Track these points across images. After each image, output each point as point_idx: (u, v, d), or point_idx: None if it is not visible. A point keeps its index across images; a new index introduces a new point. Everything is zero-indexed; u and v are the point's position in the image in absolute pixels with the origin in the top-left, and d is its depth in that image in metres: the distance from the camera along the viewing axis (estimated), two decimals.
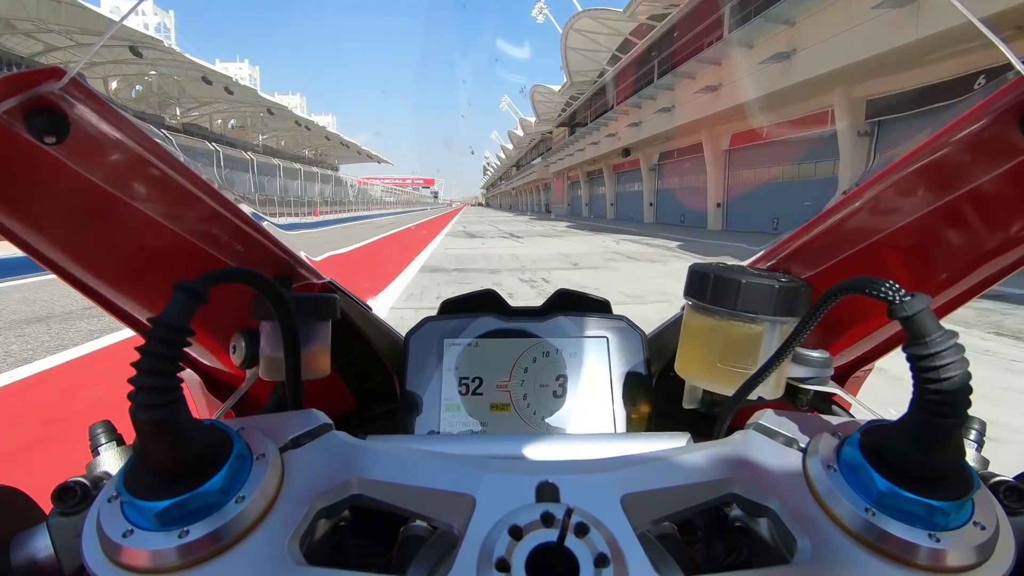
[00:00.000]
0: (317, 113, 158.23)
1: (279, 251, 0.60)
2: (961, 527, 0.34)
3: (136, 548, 0.33)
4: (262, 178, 36.62)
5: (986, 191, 0.44)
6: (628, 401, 0.69)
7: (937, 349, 0.33)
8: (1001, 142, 0.40)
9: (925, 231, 0.49)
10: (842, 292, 0.40)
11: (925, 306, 0.34)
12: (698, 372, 0.55)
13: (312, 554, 0.36)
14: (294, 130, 58.26)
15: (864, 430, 0.38)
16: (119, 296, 0.55)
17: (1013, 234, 0.47)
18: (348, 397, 0.80)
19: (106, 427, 0.47)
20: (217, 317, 0.60)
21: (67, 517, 0.39)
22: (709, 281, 0.51)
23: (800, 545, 0.35)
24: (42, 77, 0.38)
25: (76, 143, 0.41)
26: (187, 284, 0.34)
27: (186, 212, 0.51)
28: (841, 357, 0.63)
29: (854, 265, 0.54)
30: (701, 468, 0.39)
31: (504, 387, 0.70)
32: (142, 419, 0.32)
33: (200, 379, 0.68)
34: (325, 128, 70.29)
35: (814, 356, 0.54)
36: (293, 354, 0.51)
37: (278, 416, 0.43)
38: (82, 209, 0.47)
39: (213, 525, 0.33)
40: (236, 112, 47.82)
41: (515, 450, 0.54)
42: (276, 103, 48.55)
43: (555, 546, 0.32)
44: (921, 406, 0.34)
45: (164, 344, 0.33)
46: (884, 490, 0.35)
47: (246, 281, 0.42)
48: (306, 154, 69.85)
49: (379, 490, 0.38)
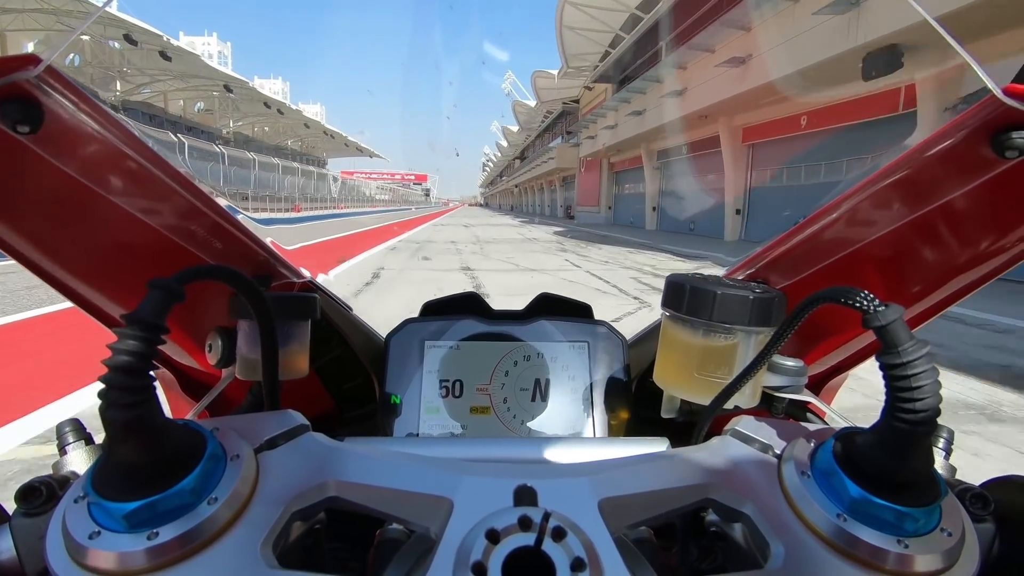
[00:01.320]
0: (304, 102, 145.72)
1: (258, 248, 0.59)
2: (929, 533, 0.35)
3: (103, 550, 0.32)
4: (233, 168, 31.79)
5: (959, 205, 0.46)
6: (608, 406, 0.69)
7: (909, 358, 0.33)
8: (974, 157, 0.42)
9: (900, 243, 0.50)
10: (818, 302, 0.41)
11: (898, 316, 0.34)
12: (675, 382, 0.56)
13: (286, 557, 0.36)
14: (266, 114, 50.72)
15: (838, 437, 0.39)
16: (92, 292, 0.53)
17: (984, 247, 0.49)
18: (326, 398, 0.79)
19: (74, 425, 0.45)
20: (193, 315, 0.58)
21: (31, 518, 0.38)
22: (685, 292, 0.52)
23: (774, 550, 0.36)
24: (17, 64, 0.37)
25: (50, 133, 0.40)
26: (162, 281, 0.34)
27: (163, 207, 0.50)
28: (817, 366, 0.64)
29: (830, 275, 0.55)
30: (678, 473, 0.40)
31: (484, 390, 0.70)
32: (113, 418, 0.32)
33: (174, 377, 0.67)
34: (301, 113, 60.77)
35: (789, 365, 0.55)
36: (271, 354, 0.50)
37: (254, 416, 0.42)
38: (55, 201, 0.45)
39: (184, 527, 0.33)
40: (195, 92, 39.92)
41: (494, 453, 0.54)
42: (236, 77, 39.38)
43: (532, 550, 0.32)
44: (893, 414, 0.34)
45: (137, 342, 0.32)
46: (856, 496, 0.35)
47: (224, 279, 0.42)
48: (289, 146, 65.52)
49: (356, 492, 0.37)
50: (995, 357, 4.29)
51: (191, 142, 28.51)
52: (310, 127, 66.20)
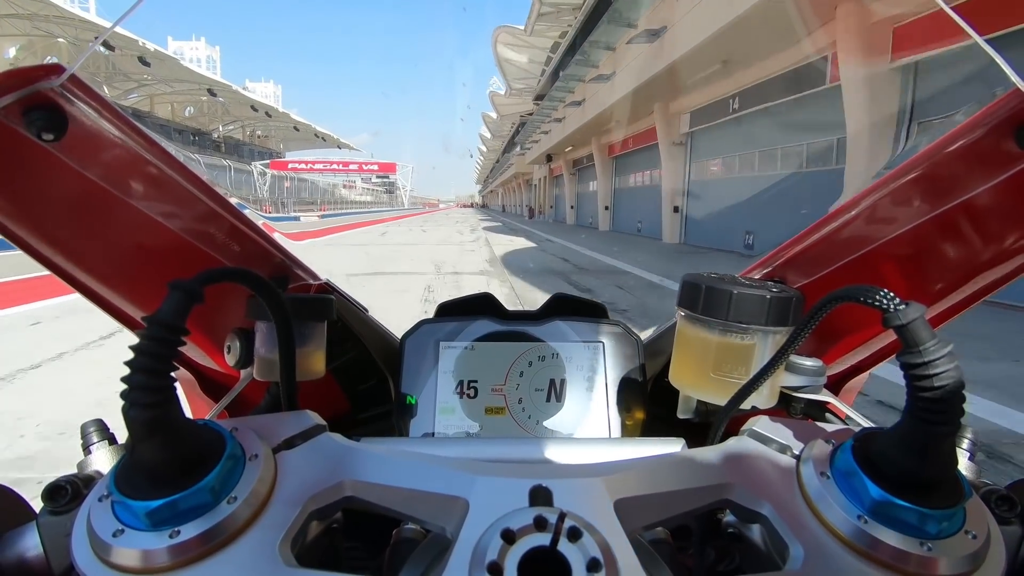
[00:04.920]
0: (254, 80, 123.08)
1: (275, 251, 0.60)
2: (953, 536, 0.34)
3: (126, 548, 0.32)
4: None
5: (982, 201, 0.45)
6: (623, 406, 0.69)
7: (931, 358, 0.33)
8: (997, 152, 0.41)
9: (921, 240, 0.49)
10: (836, 301, 0.40)
11: (919, 315, 0.34)
12: (691, 382, 0.55)
13: (304, 556, 0.36)
14: (173, 79, 37.87)
15: (858, 437, 0.38)
16: (114, 294, 0.54)
17: (1008, 244, 0.48)
18: (342, 399, 0.80)
19: (98, 425, 0.46)
20: (212, 317, 0.59)
21: (57, 516, 0.39)
22: (701, 292, 0.51)
23: (792, 552, 0.35)
24: (41, 73, 0.38)
25: (74, 140, 0.41)
26: (182, 283, 0.34)
27: (183, 211, 0.51)
28: (835, 366, 0.63)
29: (848, 274, 0.54)
30: (695, 474, 0.39)
31: (499, 391, 0.70)
32: (135, 418, 0.32)
33: (194, 378, 0.68)
34: (233, 89, 45.03)
35: (808, 365, 0.54)
36: (288, 355, 0.51)
37: (271, 417, 0.43)
38: (79, 206, 0.46)
39: (204, 525, 0.33)
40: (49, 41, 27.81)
41: (509, 454, 0.54)
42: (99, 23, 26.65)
43: (548, 550, 0.32)
44: (914, 414, 0.34)
45: (158, 343, 0.33)
46: (877, 498, 0.35)
47: (242, 281, 0.42)
48: (220, 131, 53.14)
49: (372, 492, 0.38)
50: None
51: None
52: (269, 115, 54.89)
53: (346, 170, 76.92)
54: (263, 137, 68.49)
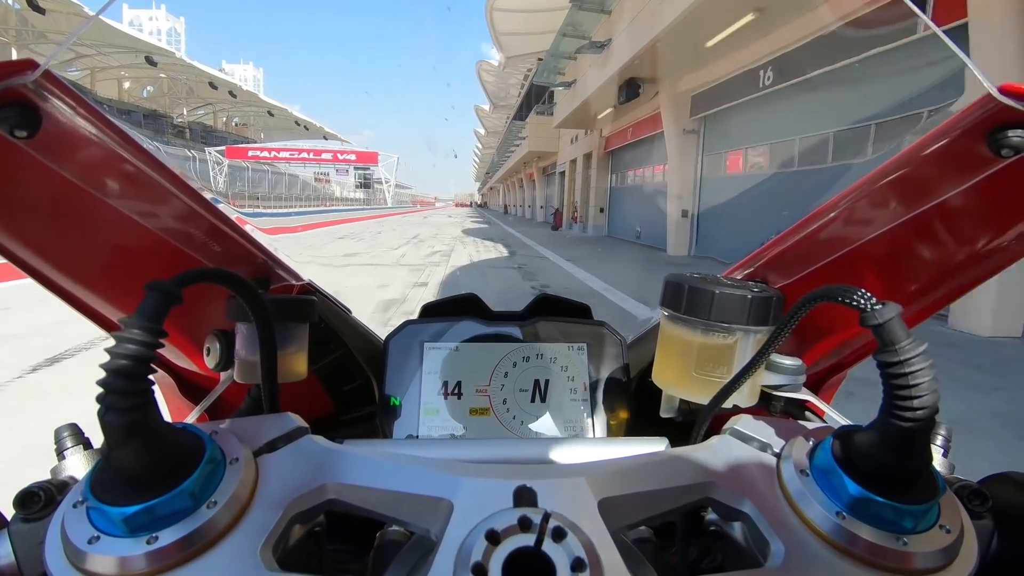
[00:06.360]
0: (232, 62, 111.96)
1: (257, 251, 0.59)
2: (928, 530, 0.35)
3: (102, 555, 0.32)
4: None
5: (955, 204, 0.46)
6: (607, 406, 0.69)
7: (906, 356, 0.34)
8: (970, 156, 0.42)
9: (897, 242, 0.51)
10: (815, 300, 0.41)
11: (895, 314, 0.34)
12: (674, 381, 0.56)
13: (286, 560, 0.36)
14: (105, 44, 32.00)
15: (836, 435, 0.39)
16: (90, 295, 0.53)
17: (980, 245, 0.49)
18: (325, 400, 0.79)
19: (72, 430, 0.45)
20: (191, 318, 0.58)
21: (29, 523, 0.38)
22: (683, 292, 0.52)
23: (773, 549, 0.36)
24: (14, 69, 0.37)
25: (48, 138, 0.40)
26: (160, 284, 0.34)
27: (161, 210, 0.50)
28: (815, 365, 0.64)
29: (828, 274, 0.55)
30: (678, 473, 0.40)
31: (484, 391, 0.70)
32: (111, 422, 0.31)
33: (173, 381, 0.67)
34: (199, 68, 40.52)
35: (788, 364, 0.55)
36: (269, 357, 0.50)
37: (253, 419, 0.42)
38: (53, 205, 0.45)
39: (183, 531, 0.33)
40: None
41: (494, 454, 0.54)
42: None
43: (532, 551, 0.32)
44: (890, 412, 0.34)
45: (135, 345, 0.32)
46: (855, 494, 0.36)
47: (222, 282, 0.42)
48: (184, 115, 47.97)
49: (355, 495, 0.37)
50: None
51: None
52: (234, 95, 48.72)
53: (318, 159, 62.36)
54: (241, 125, 63.56)
